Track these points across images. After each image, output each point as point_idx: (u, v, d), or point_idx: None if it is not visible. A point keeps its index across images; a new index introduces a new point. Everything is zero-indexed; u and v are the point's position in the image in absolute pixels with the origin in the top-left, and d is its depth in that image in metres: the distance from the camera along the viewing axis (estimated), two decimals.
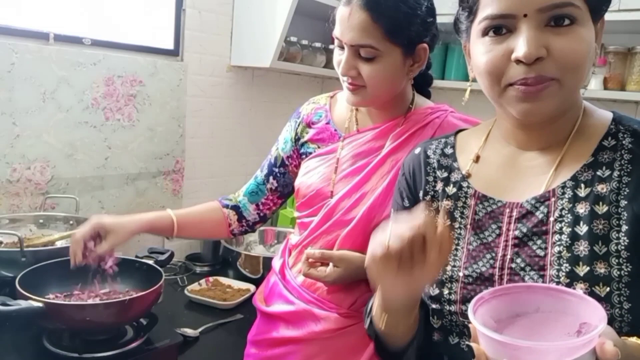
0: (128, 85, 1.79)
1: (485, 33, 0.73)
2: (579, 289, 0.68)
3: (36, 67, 1.55)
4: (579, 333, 0.59)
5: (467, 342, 0.62)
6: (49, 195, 1.62)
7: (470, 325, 0.60)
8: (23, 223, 1.52)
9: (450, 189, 0.84)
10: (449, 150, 0.89)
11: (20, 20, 1.54)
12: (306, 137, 1.24)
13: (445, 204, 0.83)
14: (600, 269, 0.68)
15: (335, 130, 1.21)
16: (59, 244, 1.43)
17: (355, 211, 1.12)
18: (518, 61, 0.69)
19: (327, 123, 1.22)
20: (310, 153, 1.23)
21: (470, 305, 0.63)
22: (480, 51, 0.73)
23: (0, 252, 1.31)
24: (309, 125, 1.25)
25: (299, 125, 1.26)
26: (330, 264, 1.10)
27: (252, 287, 1.73)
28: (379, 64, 1.05)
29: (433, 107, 1.18)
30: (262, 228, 2.08)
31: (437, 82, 2.17)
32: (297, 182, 1.22)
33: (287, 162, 1.29)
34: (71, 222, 1.57)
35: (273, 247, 2.07)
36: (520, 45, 0.68)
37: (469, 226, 0.80)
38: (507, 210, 0.77)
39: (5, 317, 1.02)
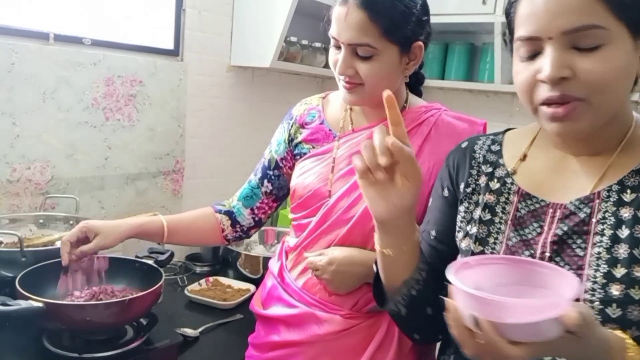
0: (128, 85, 1.79)
1: (518, 53, 0.76)
2: (615, 290, 0.69)
3: (36, 67, 1.55)
4: None
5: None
6: (49, 195, 1.62)
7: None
8: (23, 223, 1.52)
9: (494, 184, 0.86)
10: (495, 147, 0.90)
11: (20, 20, 1.54)
12: (300, 137, 1.23)
13: (487, 198, 0.85)
14: (638, 272, 0.69)
15: (330, 130, 1.20)
16: (59, 244, 1.42)
17: (354, 209, 1.11)
18: (544, 81, 0.70)
19: (321, 123, 1.22)
20: (305, 153, 1.22)
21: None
22: (515, 70, 0.76)
23: (0, 252, 1.31)
24: (302, 125, 1.24)
25: (292, 126, 1.25)
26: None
27: (252, 287, 1.73)
28: (376, 63, 1.05)
29: (426, 106, 1.18)
30: (262, 228, 2.08)
31: (436, 82, 2.20)
32: (293, 183, 1.22)
33: (281, 164, 1.28)
34: (71, 222, 1.57)
35: (273, 247, 2.07)
36: (545, 66, 0.70)
37: (509, 222, 0.82)
38: (551, 210, 0.79)
39: (5, 317, 1.02)
